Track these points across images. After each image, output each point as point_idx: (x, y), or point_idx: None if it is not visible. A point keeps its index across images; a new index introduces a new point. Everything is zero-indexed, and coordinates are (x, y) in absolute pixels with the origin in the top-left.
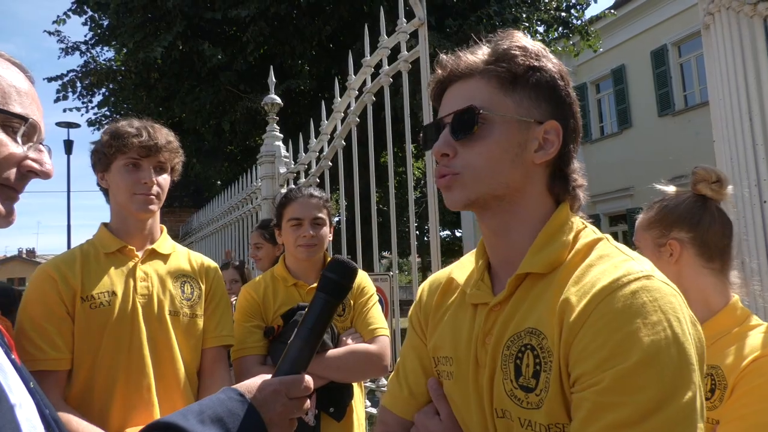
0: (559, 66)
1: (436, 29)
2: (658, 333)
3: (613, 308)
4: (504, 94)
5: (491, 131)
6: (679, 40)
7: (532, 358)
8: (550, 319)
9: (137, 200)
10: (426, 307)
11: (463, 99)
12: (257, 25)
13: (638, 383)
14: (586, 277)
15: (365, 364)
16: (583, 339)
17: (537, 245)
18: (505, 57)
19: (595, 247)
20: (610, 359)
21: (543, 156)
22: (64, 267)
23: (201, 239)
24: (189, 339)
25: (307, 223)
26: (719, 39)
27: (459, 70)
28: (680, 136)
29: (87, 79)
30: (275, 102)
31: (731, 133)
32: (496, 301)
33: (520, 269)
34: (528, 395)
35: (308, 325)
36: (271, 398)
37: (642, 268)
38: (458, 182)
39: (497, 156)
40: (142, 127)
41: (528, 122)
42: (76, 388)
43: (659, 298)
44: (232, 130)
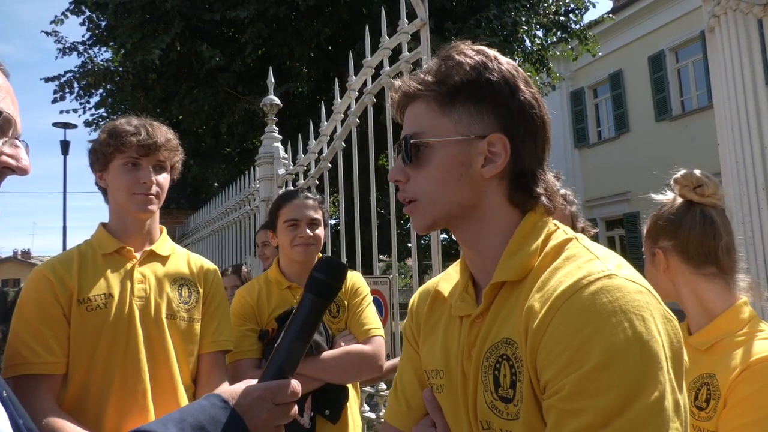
0: (504, 73)
1: (435, 32)
2: (617, 334)
3: (572, 312)
4: (442, 115)
5: (433, 155)
6: (676, 45)
7: (508, 368)
8: (520, 327)
9: (136, 200)
10: (417, 317)
11: (409, 124)
12: (256, 26)
13: (598, 386)
14: (550, 282)
15: (360, 365)
16: (546, 345)
17: (508, 253)
18: (442, 76)
19: (564, 249)
20: (570, 364)
21: (492, 170)
22: (60, 268)
23: (198, 241)
24: (186, 343)
25: (303, 223)
26: (725, 41)
27: (408, 94)
28: (677, 141)
29: (84, 79)
30: (274, 103)
31: (737, 136)
32: (477, 313)
33: (494, 278)
34: (507, 406)
35: (295, 327)
36: (255, 404)
37: (604, 267)
38: (417, 209)
39: (442, 178)
40: (140, 126)
41: (469, 139)
42: (70, 393)
43: (620, 297)
44: (229, 132)
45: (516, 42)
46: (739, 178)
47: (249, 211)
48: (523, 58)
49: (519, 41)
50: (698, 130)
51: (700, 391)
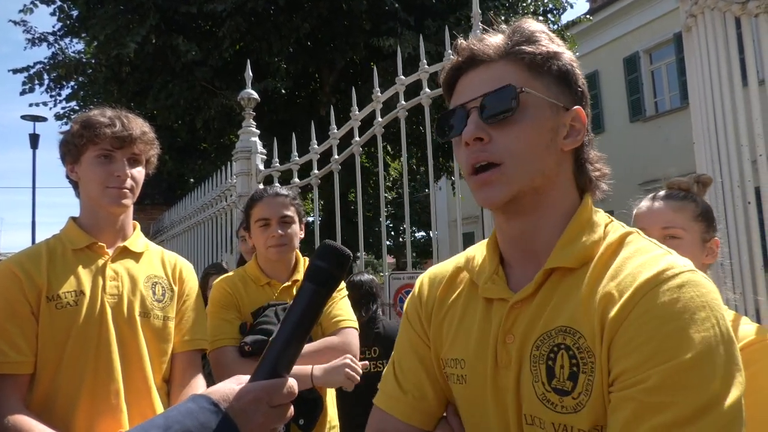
0: (572, 55)
1: (414, 29)
2: (708, 330)
3: (658, 302)
4: (534, 78)
5: (526, 114)
6: (650, 47)
7: (567, 358)
8: (587, 316)
9: (110, 194)
10: (427, 302)
11: (491, 82)
12: (233, 20)
13: (689, 381)
14: (625, 270)
15: (331, 359)
16: (625, 334)
17: (566, 239)
18: (531, 40)
19: (626, 241)
20: (656, 355)
21: (572, 143)
22: (28, 264)
23: (173, 237)
24: (160, 342)
25: (274, 222)
26: (702, 40)
27: (483, 53)
28: (651, 142)
29: (55, 71)
30: (252, 97)
31: (712, 134)
32: (519, 298)
33: (549, 263)
34: (563, 398)
35: (293, 319)
36: (250, 407)
37: (685, 262)
38: (503, 175)
39: (534, 140)
40: (115, 117)
41: (558, 106)
42: (38, 393)
43: (705, 293)
44: (206, 127)
45: None
46: (715, 176)
47: (225, 207)
48: None
49: None
50: (671, 131)
51: None
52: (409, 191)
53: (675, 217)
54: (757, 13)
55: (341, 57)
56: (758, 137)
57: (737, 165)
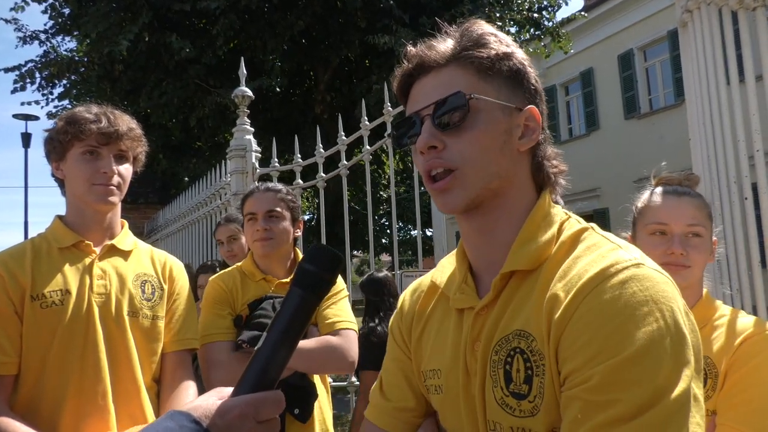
0: (524, 53)
1: (410, 27)
2: (650, 324)
3: (600, 300)
4: (483, 81)
5: (478, 119)
6: (644, 44)
7: (522, 362)
8: (538, 319)
9: (96, 191)
10: (407, 317)
11: (441, 89)
12: (227, 18)
13: (631, 378)
14: (573, 270)
15: (330, 357)
16: (570, 335)
17: (520, 240)
18: (480, 43)
19: (580, 238)
20: (599, 354)
21: (527, 143)
22: (11, 262)
23: (167, 236)
24: (149, 342)
25: (260, 216)
26: (698, 36)
27: (432, 60)
28: (645, 139)
29: (47, 69)
30: (246, 95)
31: (708, 130)
32: (482, 304)
33: (505, 267)
34: (520, 402)
35: (280, 327)
36: (236, 424)
37: (631, 256)
38: (458, 181)
39: (488, 144)
40: (101, 113)
41: (510, 108)
42: (23, 394)
43: (650, 287)
44: (200, 126)
45: None
46: (710, 172)
47: (220, 205)
48: None
49: None
50: (665, 128)
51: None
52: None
53: (698, 215)
54: (754, 7)
55: (336, 55)
56: (755, 133)
57: (734, 161)
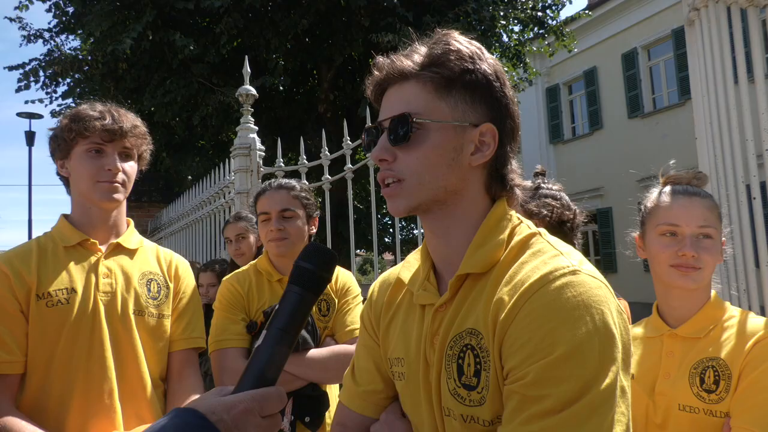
0: (494, 66)
1: (414, 25)
2: (580, 327)
3: (539, 305)
4: (439, 99)
5: (427, 137)
6: (648, 43)
7: (472, 357)
8: (486, 319)
9: (101, 188)
10: (376, 306)
11: (399, 103)
12: (231, 16)
13: (560, 375)
14: (518, 276)
15: (343, 366)
16: (511, 335)
17: (474, 245)
18: (439, 61)
19: (529, 243)
20: (534, 354)
21: (480, 158)
22: (17, 261)
23: (170, 235)
24: (155, 341)
25: (274, 216)
26: (705, 34)
27: (394, 74)
28: (649, 138)
29: (51, 68)
30: (250, 93)
31: (716, 130)
32: (441, 302)
33: (460, 270)
34: (470, 393)
35: (279, 325)
36: (242, 419)
37: (569, 263)
38: (402, 189)
39: (434, 161)
40: (105, 111)
41: (463, 126)
42: (29, 393)
43: (583, 292)
44: (203, 124)
45: (494, 37)
46: (717, 172)
47: (224, 203)
48: (500, 53)
49: (497, 36)
50: (669, 127)
51: (705, 374)
52: None
53: (709, 215)
54: (765, 4)
55: (339, 53)
56: (764, 132)
57: (741, 160)
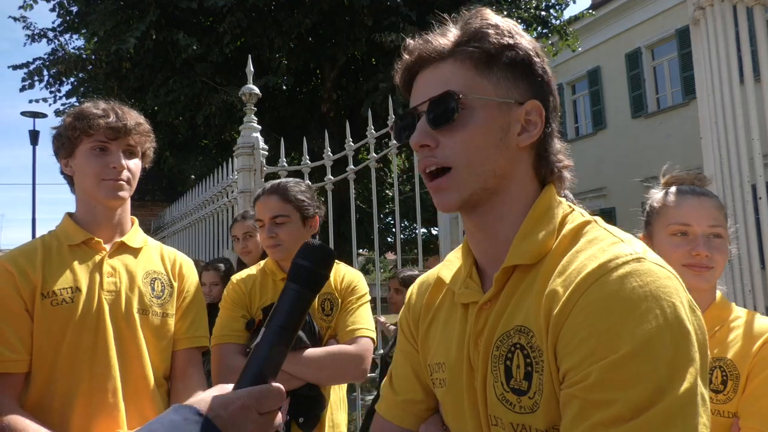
0: (533, 42)
1: (417, 24)
2: (650, 321)
3: (599, 296)
4: (480, 76)
5: (472, 117)
6: (652, 43)
7: (522, 358)
8: (537, 314)
9: (105, 186)
10: (415, 310)
11: (437, 84)
12: (234, 16)
13: (628, 376)
14: (572, 265)
15: (341, 366)
16: (568, 331)
17: (521, 234)
18: (478, 36)
19: (582, 232)
20: (596, 352)
21: (527, 138)
22: (22, 260)
23: (173, 234)
24: (159, 340)
25: (267, 223)
26: (710, 33)
27: (429, 54)
28: (652, 138)
29: (55, 67)
30: (253, 92)
31: (721, 129)
32: (485, 299)
33: (506, 262)
34: (520, 398)
35: (278, 322)
36: (239, 416)
37: (632, 249)
38: (453, 180)
39: (482, 143)
40: (109, 108)
41: (509, 104)
42: (34, 392)
43: (651, 282)
44: (206, 124)
45: None
46: (723, 172)
47: (227, 203)
48: None
49: None
50: (673, 127)
51: (712, 374)
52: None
53: (718, 215)
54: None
55: (342, 53)
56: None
57: (747, 160)
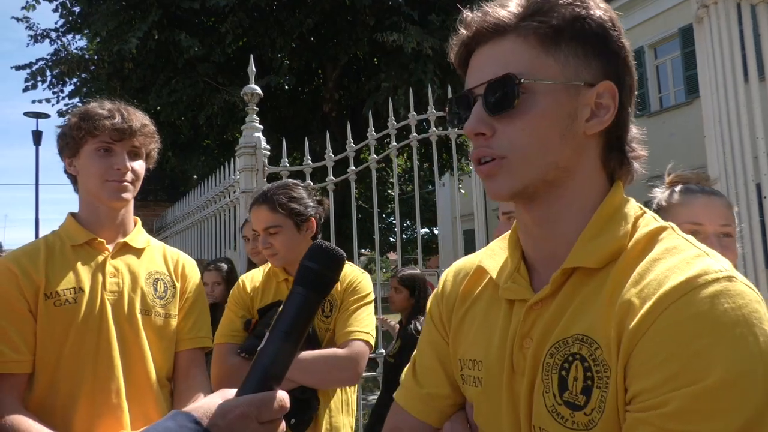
0: (609, 12)
1: (419, 24)
2: (743, 349)
3: (686, 314)
4: (546, 54)
5: (534, 102)
6: (655, 42)
7: (581, 370)
8: (605, 325)
9: (109, 187)
10: (449, 298)
11: (496, 65)
12: (236, 16)
13: (716, 408)
14: (650, 274)
15: (331, 370)
16: (645, 349)
17: (588, 234)
18: (544, 8)
19: (658, 238)
20: (679, 376)
21: (597, 125)
22: (25, 260)
23: (176, 234)
24: (162, 340)
25: (261, 234)
26: (714, 31)
27: (488, 29)
28: (655, 137)
29: (57, 68)
30: (255, 92)
31: (725, 128)
32: (537, 298)
33: (568, 262)
34: (574, 413)
35: (283, 327)
36: (237, 425)
37: (722, 266)
38: (504, 168)
39: (544, 131)
40: (114, 109)
41: (577, 86)
42: (37, 393)
43: (743, 305)
44: (209, 124)
45: None
46: (727, 171)
47: (229, 203)
48: None
49: None
50: (676, 126)
51: None
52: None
53: (728, 214)
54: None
55: (344, 53)
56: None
57: (752, 159)
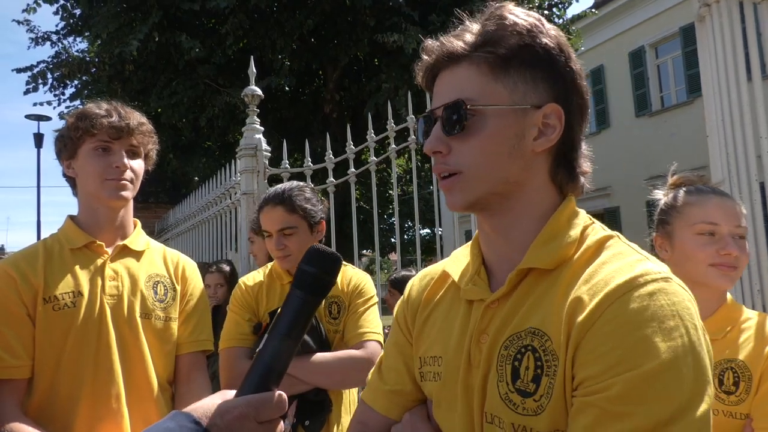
0: (557, 38)
1: (419, 24)
2: (675, 339)
3: (627, 309)
4: (495, 81)
5: (484, 124)
6: (656, 41)
7: (532, 360)
8: (556, 320)
9: (108, 186)
10: (414, 303)
11: (452, 90)
12: (237, 17)
13: (651, 392)
14: (598, 275)
15: (348, 371)
16: (591, 340)
17: (542, 239)
18: (494, 38)
19: (606, 245)
20: (621, 364)
21: (544, 143)
22: (24, 264)
23: (177, 236)
24: (162, 344)
25: (274, 235)
26: (716, 30)
27: (444, 57)
28: (657, 137)
29: (58, 70)
30: (256, 93)
31: (728, 127)
32: (494, 298)
33: (523, 264)
34: (525, 400)
35: (281, 330)
36: (236, 425)
37: (660, 269)
38: (459, 183)
39: (493, 150)
40: (111, 109)
41: (525, 109)
42: (36, 398)
43: (677, 302)
44: (210, 126)
45: None
46: (730, 170)
47: (230, 204)
48: None
49: None
50: (677, 126)
51: (724, 375)
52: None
53: (741, 216)
54: None
55: (345, 54)
56: None
57: (755, 158)
